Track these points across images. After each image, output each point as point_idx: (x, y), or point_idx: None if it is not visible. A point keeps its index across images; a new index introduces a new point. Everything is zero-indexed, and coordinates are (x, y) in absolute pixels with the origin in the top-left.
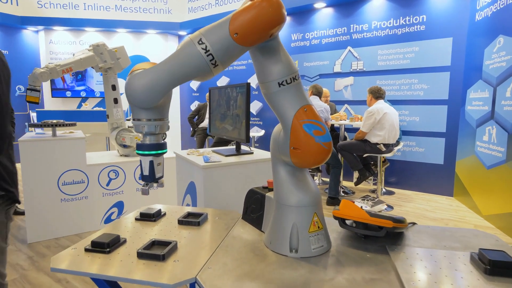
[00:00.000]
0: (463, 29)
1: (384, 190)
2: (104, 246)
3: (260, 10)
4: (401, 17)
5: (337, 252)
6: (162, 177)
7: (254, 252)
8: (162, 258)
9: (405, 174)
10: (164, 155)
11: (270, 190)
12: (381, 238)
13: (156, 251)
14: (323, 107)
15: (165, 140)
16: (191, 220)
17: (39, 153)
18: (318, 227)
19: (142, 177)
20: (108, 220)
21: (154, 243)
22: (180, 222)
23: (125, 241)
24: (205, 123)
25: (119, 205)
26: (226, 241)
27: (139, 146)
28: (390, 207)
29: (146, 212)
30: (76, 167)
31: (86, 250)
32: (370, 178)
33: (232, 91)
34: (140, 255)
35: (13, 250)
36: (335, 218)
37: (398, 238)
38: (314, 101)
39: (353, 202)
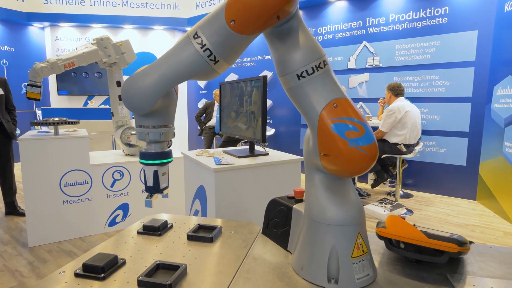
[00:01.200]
0: (489, 21)
1: (401, 192)
2: (98, 270)
3: None
4: (421, 9)
5: (386, 282)
6: (167, 187)
7: (282, 281)
8: None
9: (424, 176)
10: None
11: (298, 201)
12: (438, 264)
13: (161, 279)
14: None
15: (171, 148)
16: (203, 235)
17: (40, 152)
18: (363, 251)
19: (146, 188)
20: (112, 223)
21: (158, 267)
22: (190, 237)
23: (124, 262)
24: (212, 122)
25: (124, 208)
26: (246, 264)
27: (143, 155)
28: (410, 211)
29: (150, 224)
30: (79, 167)
31: (76, 275)
32: (387, 179)
33: (246, 86)
34: (142, 284)
35: (13, 255)
36: (380, 237)
37: (458, 263)
38: None
39: (404, 218)
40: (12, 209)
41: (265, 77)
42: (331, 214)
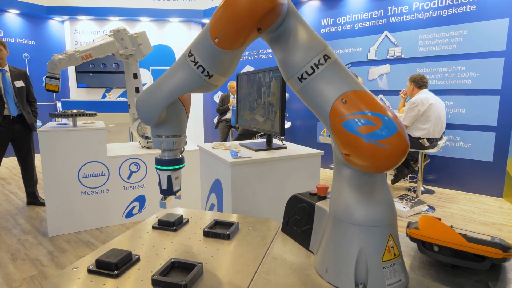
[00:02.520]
0: None
1: (422, 188)
2: (112, 267)
3: (230, 5)
4: None
5: None
6: (179, 190)
7: (305, 284)
8: None
9: (447, 172)
10: (187, 148)
11: (321, 198)
12: (475, 270)
13: (176, 278)
14: None
15: (183, 155)
16: (220, 231)
17: (59, 143)
18: (395, 255)
19: (161, 190)
20: (129, 214)
21: (173, 265)
22: (206, 234)
23: (138, 259)
24: (228, 115)
25: (141, 199)
26: (265, 264)
27: (158, 162)
28: (431, 208)
29: (166, 219)
30: (97, 159)
31: (90, 271)
32: (407, 175)
33: (264, 77)
34: (156, 283)
35: (34, 244)
36: (412, 239)
37: (498, 270)
38: None
39: (439, 219)
40: (33, 199)
41: None
42: (359, 213)
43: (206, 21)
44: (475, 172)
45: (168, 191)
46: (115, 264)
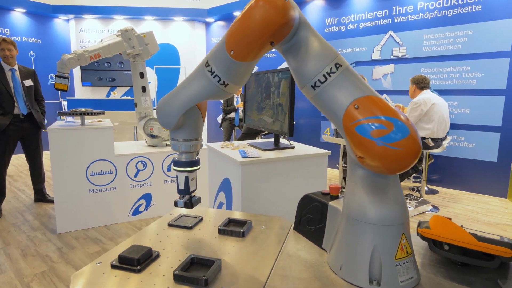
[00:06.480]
0: None
1: (426, 188)
2: (134, 262)
3: (245, 20)
4: None
5: (431, 286)
6: (195, 190)
7: (320, 280)
8: (205, 283)
9: (450, 172)
10: None
11: (333, 198)
12: (484, 268)
13: (197, 273)
14: None
15: (199, 157)
16: (234, 229)
17: (68, 141)
18: (407, 253)
19: (178, 190)
20: (136, 212)
21: (193, 261)
22: (221, 231)
23: (158, 255)
24: (232, 114)
25: (147, 197)
26: (280, 261)
27: (176, 163)
28: (435, 208)
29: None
30: (104, 157)
31: (113, 266)
32: (411, 175)
33: (273, 77)
34: (178, 278)
35: (43, 240)
36: (423, 238)
37: (507, 268)
38: None
39: (450, 218)
40: (41, 196)
41: None
42: (372, 213)
43: (210, 20)
44: (479, 172)
45: (185, 191)
46: (137, 260)
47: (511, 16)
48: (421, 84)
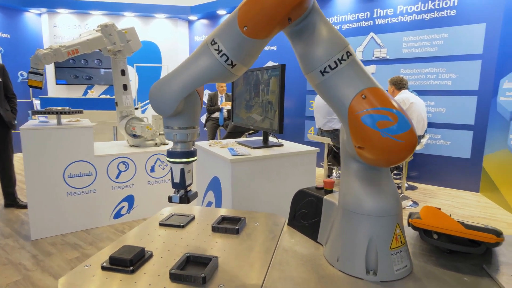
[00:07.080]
0: (498, 14)
1: (406, 184)
2: (126, 263)
3: None
4: (429, 1)
5: (423, 273)
6: (191, 184)
7: (318, 273)
8: (202, 281)
9: (428, 168)
10: None
11: (327, 192)
12: (470, 254)
13: (193, 271)
14: None
15: (195, 148)
16: (228, 226)
17: (43, 142)
18: (401, 242)
19: (173, 184)
20: (118, 215)
21: (188, 259)
22: (215, 229)
23: (151, 255)
24: (216, 114)
25: (129, 199)
26: (277, 256)
27: (170, 154)
28: (415, 203)
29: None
30: (83, 158)
31: (103, 268)
32: (392, 172)
33: (262, 75)
34: (174, 277)
35: (15, 248)
36: (415, 228)
37: (490, 254)
38: None
39: (439, 208)
40: (12, 201)
41: (283, 65)
42: (368, 204)
43: (192, 18)
44: (454, 169)
45: (181, 185)
46: (130, 260)
47: (482, 21)
48: (399, 84)
